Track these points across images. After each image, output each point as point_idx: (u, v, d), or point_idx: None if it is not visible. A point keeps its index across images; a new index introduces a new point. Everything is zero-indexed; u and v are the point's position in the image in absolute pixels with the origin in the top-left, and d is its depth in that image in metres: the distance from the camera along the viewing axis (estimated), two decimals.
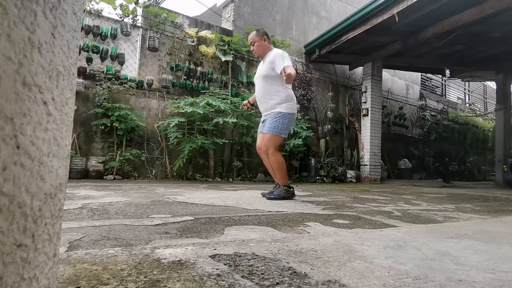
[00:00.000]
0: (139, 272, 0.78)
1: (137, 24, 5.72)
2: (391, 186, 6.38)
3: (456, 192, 5.12)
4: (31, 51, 0.37)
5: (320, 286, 0.75)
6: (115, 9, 5.36)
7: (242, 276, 0.79)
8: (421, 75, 11.34)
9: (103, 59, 5.31)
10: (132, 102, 5.48)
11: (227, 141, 5.89)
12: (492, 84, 13.28)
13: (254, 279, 0.77)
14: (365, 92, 7.67)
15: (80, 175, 4.70)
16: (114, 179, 4.91)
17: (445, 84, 13.00)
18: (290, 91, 3.06)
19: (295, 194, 3.10)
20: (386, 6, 5.64)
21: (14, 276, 0.35)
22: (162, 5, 8.29)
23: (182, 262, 0.88)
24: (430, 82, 12.26)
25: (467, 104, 14.20)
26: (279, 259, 0.95)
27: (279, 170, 2.98)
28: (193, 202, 2.39)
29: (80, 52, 4.99)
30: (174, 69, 5.96)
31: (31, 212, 0.38)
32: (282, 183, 2.97)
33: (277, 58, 2.91)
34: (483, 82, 14.63)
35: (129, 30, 5.58)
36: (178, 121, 5.24)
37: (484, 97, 15.72)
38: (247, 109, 3.56)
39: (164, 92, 5.83)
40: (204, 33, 6.17)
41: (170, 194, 2.90)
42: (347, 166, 7.80)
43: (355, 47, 7.38)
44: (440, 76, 11.63)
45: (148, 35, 5.69)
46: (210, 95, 5.76)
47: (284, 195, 2.91)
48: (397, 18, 5.52)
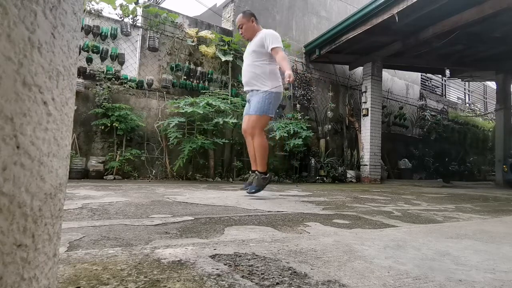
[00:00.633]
0: (139, 272, 0.78)
1: (137, 24, 5.72)
2: (391, 186, 6.38)
3: (456, 192, 5.12)
4: (31, 51, 0.37)
5: (320, 286, 0.75)
6: (115, 9, 5.37)
7: (242, 276, 0.79)
8: (421, 75, 11.34)
9: (103, 59, 5.31)
10: (132, 102, 5.48)
11: (227, 141, 5.89)
12: (492, 84, 13.28)
13: (254, 279, 0.77)
14: (365, 92, 7.67)
15: (80, 175, 4.70)
16: (114, 179, 4.91)
17: (445, 84, 13.00)
18: (277, 69, 3.01)
19: (289, 194, 3.09)
20: (386, 6, 5.64)
21: (14, 276, 0.35)
22: (162, 5, 8.29)
23: (182, 262, 0.88)
24: (430, 82, 12.26)
25: (467, 104, 14.21)
26: (279, 259, 0.95)
27: (261, 154, 2.94)
28: (193, 202, 2.39)
29: (80, 52, 4.99)
30: (174, 69, 5.96)
31: (31, 212, 0.38)
32: (260, 169, 2.93)
33: (268, 37, 2.89)
34: (483, 82, 14.64)
35: (129, 30, 5.58)
36: (178, 121, 5.24)
37: (484, 97, 15.73)
38: None
39: (164, 92, 5.83)
40: (204, 33, 6.17)
41: (170, 194, 2.90)
42: (347, 166, 7.80)
43: (355, 47, 7.38)
44: (440, 76, 11.63)
45: (148, 35, 5.69)
46: (210, 95, 5.76)
47: (261, 184, 2.90)
48: (397, 18, 5.52)
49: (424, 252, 1.10)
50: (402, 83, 10.51)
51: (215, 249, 1.03)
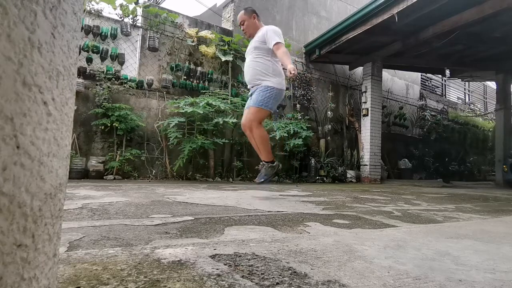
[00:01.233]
0: (139, 272, 0.78)
1: (137, 24, 5.72)
2: (391, 186, 6.38)
3: (456, 192, 5.12)
4: (31, 51, 0.37)
5: (320, 286, 0.75)
6: (115, 9, 5.37)
7: (242, 276, 0.79)
8: (421, 75, 11.34)
9: (103, 59, 5.31)
10: (132, 102, 5.48)
11: (227, 141, 5.89)
12: (492, 84, 13.28)
13: (254, 279, 0.77)
14: (365, 92, 7.68)
15: (80, 175, 4.70)
16: (114, 179, 4.91)
17: (445, 84, 13.00)
18: (279, 67, 3.01)
19: (289, 194, 3.10)
20: (386, 6, 5.64)
21: (14, 276, 0.35)
22: (162, 5, 8.29)
23: (182, 262, 0.88)
24: (430, 82, 12.26)
25: (467, 104, 14.21)
26: (279, 259, 0.95)
27: (263, 144, 2.94)
28: (193, 202, 2.39)
29: (80, 52, 4.99)
30: (174, 69, 5.96)
31: (31, 212, 0.38)
32: (266, 159, 2.95)
33: (269, 33, 2.88)
34: (483, 82, 14.64)
35: (129, 30, 5.58)
36: (178, 121, 5.24)
37: (484, 97, 15.73)
38: None
39: (164, 92, 5.83)
40: (204, 33, 6.17)
41: (170, 194, 2.90)
42: (347, 166, 7.80)
43: (355, 47, 7.38)
44: (440, 76, 11.63)
45: (148, 35, 5.69)
46: (210, 95, 5.76)
47: (270, 172, 2.92)
48: (397, 18, 5.52)
49: (424, 252, 1.10)
50: (402, 83, 10.51)
51: (215, 249, 1.03)
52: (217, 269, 0.83)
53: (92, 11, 5.25)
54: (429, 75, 11.86)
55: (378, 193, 4.18)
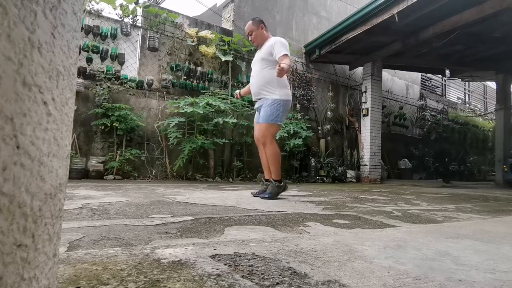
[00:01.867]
0: (139, 272, 0.78)
1: (137, 24, 5.72)
2: (391, 186, 6.38)
3: (456, 192, 5.12)
4: (31, 51, 0.37)
5: (320, 286, 0.75)
6: (115, 9, 5.37)
7: (242, 276, 0.79)
8: (421, 75, 11.34)
9: (103, 59, 5.31)
10: (132, 102, 5.48)
11: (227, 141, 5.89)
12: (492, 84, 13.28)
13: (254, 279, 0.77)
14: (365, 92, 7.68)
15: (80, 175, 4.70)
16: (114, 179, 4.91)
17: (445, 84, 13.00)
18: (285, 78, 3.02)
19: (289, 194, 3.09)
20: (386, 6, 5.64)
21: (14, 276, 0.35)
22: (162, 5, 8.29)
23: (182, 262, 0.88)
24: (430, 82, 12.26)
25: (467, 104, 14.21)
26: (279, 259, 0.95)
27: (274, 162, 2.94)
28: (193, 202, 2.39)
29: (80, 52, 4.99)
30: (174, 69, 5.96)
31: (31, 212, 0.38)
32: (275, 178, 2.93)
33: (277, 44, 2.89)
34: (483, 82, 14.64)
35: (129, 30, 5.58)
36: (178, 121, 5.24)
37: (484, 97, 15.73)
38: (238, 98, 3.64)
39: (164, 92, 5.83)
40: (204, 33, 6.17)
41: (170, 194, 2.90)
42: (347, 166, 7.80)
43: (355, 47, 7.38)
44: (440, 76, 11.63)
45: (148, 35, 5.69)
46: (210, 95, 5.76)
47: (276, 191, 2.89)
48: (397, 18, 5.52)
49: (424, 252, 1.10)
50: (402, 83, 10.51)
51: (215, 249, 1.03)
52: (217, 269, 0.83)
53: (92, 11, 5.25)
54: (429, 75, 11.86)
55: (378, 193, 4.18)
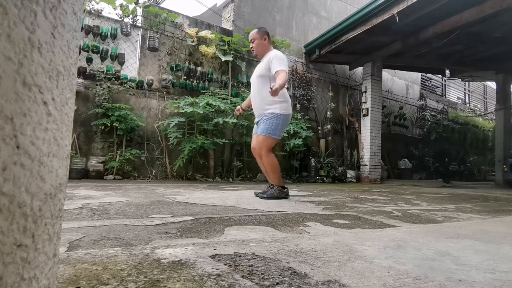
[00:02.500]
0: (139, 272, 0.78)
1: (137, 24, 5.71)
2: (391, 186, 6.38)
3: (456, 192, 5.12)
4: (31, 51, 0.37)
5: (320, 286, 0.75)
6: (115, 9, 5.37)
7: (242, 276, 0.79)
8: (421, 75, 11.34)
9: (103, 59, 5.31)
10: (132, 102, 5.48)
11: (227, 141, 5.89)
12: (492, 84, 13.28)
13: (254, 279, 0.77)
14: (365, 92, 7.68)
15: (80, 175, 4.70)
16: (114, 179, 4.91)
17: (445, 84, 13.00)
18: (285, 92, 3.01)
19: (290, 194, 3.09)
20: (386, 6, 5.64)
21: (14, 276, 0.35)
22: (162, 5, 8.29)
23: (182, 262, 0.88)
24: (430, 82, 12.26)
25: (467, 104, 14.21)
26: (279, 259, 0.95)
27: (272, 171, 2.97)
28: (193, 202, 2.39)
29: (80, 52, 4.99)
30: (174, 69, 5.96)
31: (31, 212, 0.38)
32: (276, 184, 2.94)
33: (274, 60, 2.88)
34: (483, 82, 14.63)
35: (129, 30, 5.58)
36: (178, 121, 5.24)
37: (484, 97, 15.73)
38: (239, 114, 3.55)
39: (164, 92, 5.83)
40: (204, 33, 6.17)
41: (170, 194, 2.90)
42: (347, 166, 7.80)
43: (355, 47, 7.38)
44: (440, 76, 11.63)
45: (148, 35, 5.69)
46: (210, 95, 5.76)
47: (277, 195, 2.89)
48: (397, 18, 5.52)
49: (424, 252, 1.10)
50: (402, 83, 10.51)
51: (215, 249, 1.03)
52: (217, 269, 0.83)
53: (92, 11, 5.25)
54: (429, 75, 11.86)
55: (378, 193, 4.18)
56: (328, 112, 7.92)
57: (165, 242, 1.18)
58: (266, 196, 2.88)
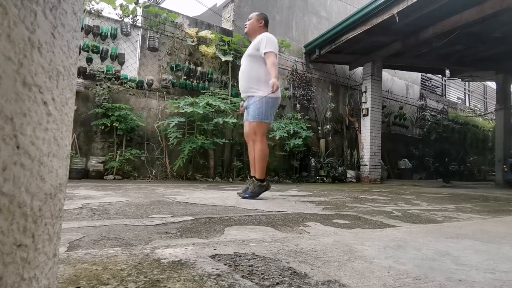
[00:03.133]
0: (139, 272, 0.78)
1: (137, 24, 5.72)
2: (391, 186, 6.38)
3: (456, 192, 5.12)
4: (31, 51, 0.37)
5: (320, 286, 0.75)
6: (115, 9, 5.37)
7: (242, 276, 0.79)
8: (421, 75, 11.34)
9: (103, 59, 5.31)
10: (132, 102, 5.48)
11: (227, 141, 5.89)
12: (492, 84, 13.28)
13: (254, 279, 0.77)
14: (365, 92, 7.68)
15: (80, 175, 4.70)
16: (114, 179, 4.91)
17: (445, 84, 13.00)
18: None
19: (289, 193, 3.05)
20: (386, 6, 5.64)
21: (14, 276, 0.35)
22: (162, 5, 8.29)
23: (182, 262, 0.88)
24: (430, 82, 12.26)
25: (467, 104, 14.21)
26: (279, 259, 0.95)
27: (261, 159, 2.89)
28: (193, 202, 2.39)
29: (80, 52, 4.99)
30: (174, 69, 5.96)
31: (31, 212, 0.38)
32: (258, 176, 2.86)
33: (264, 39, 2.88)
34: (483, 82, 14.64)
35: (129, 30, 5.58)
36: (178, 121, 5.24)
37: (484, 97, 15.73)
38: (243, 111, 3.52)
39: (164, 92, 5.83)
40: (204, 33, 6.17)
41: (170, 194, 2.90)
42: (347, 166, 7.80)
43: (355, 47, 7.38)
44: (440, 76, 11.63)
45: (148, 35, 5.69)
46: (210, 95, 5.76)
47: (257, 191, 2.84)
48: (397, 18, 5.52)
49: (424, 252, 1.10)
50: (402, 83, 10.51)
51: (215, 249, 1.03)
52: (217, 269, 0.83)
53: (92, 11, 5.25)
54: (429, 75, 11.86)
55: (378, 193, 4.18)
56: (328, 112, 7.92)
57: (165, 242, 1.18)
58: (248, 195, 2.81)
